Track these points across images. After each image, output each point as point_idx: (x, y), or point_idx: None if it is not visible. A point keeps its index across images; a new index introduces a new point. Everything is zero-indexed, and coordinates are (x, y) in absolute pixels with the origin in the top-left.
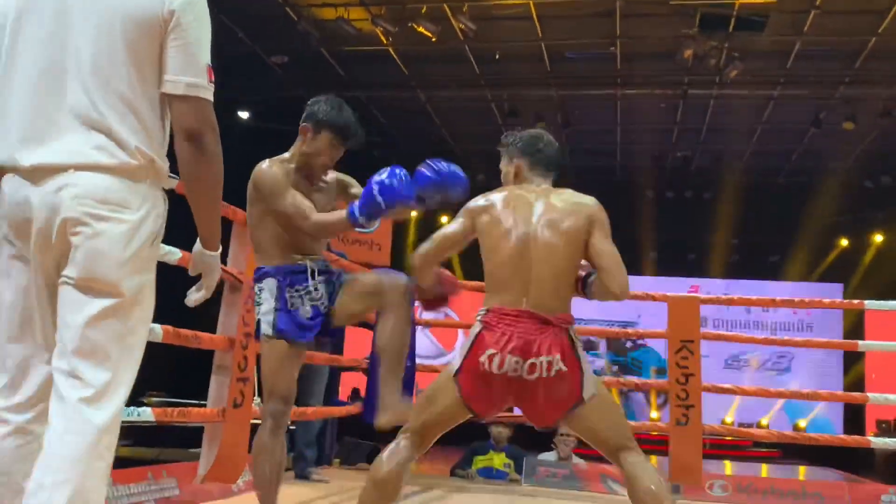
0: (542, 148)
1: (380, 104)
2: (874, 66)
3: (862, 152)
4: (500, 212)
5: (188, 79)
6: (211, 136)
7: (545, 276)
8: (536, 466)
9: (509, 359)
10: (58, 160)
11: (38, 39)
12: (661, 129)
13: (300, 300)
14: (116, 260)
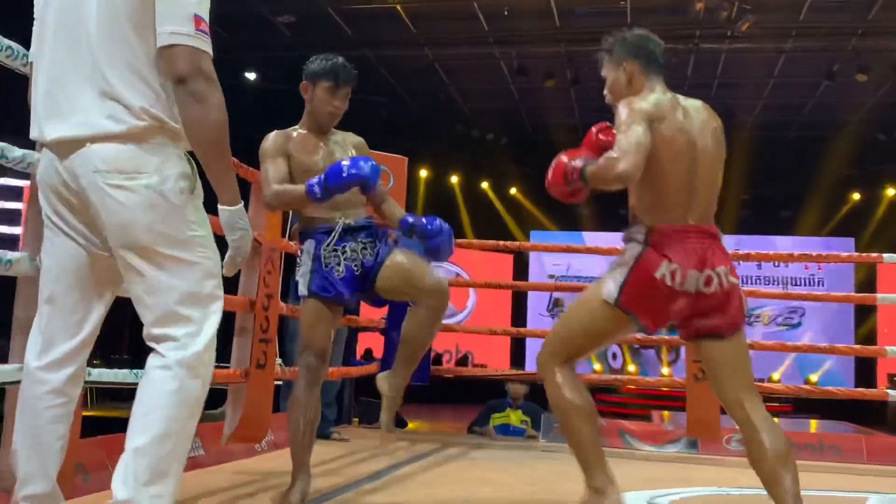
0: (653, 47)
1: (387, 63)
2: (887, 16)
3: (875, 104)
4: (672, 122)
5: (171, 27)
6: (202, 82)
7: (707, 190)
8: (553, 423)
9: (691, 274)
10: (75, 133)
11: (58, 18)
12: (672, 83)
13: (334, 259)
14: (144, 225)
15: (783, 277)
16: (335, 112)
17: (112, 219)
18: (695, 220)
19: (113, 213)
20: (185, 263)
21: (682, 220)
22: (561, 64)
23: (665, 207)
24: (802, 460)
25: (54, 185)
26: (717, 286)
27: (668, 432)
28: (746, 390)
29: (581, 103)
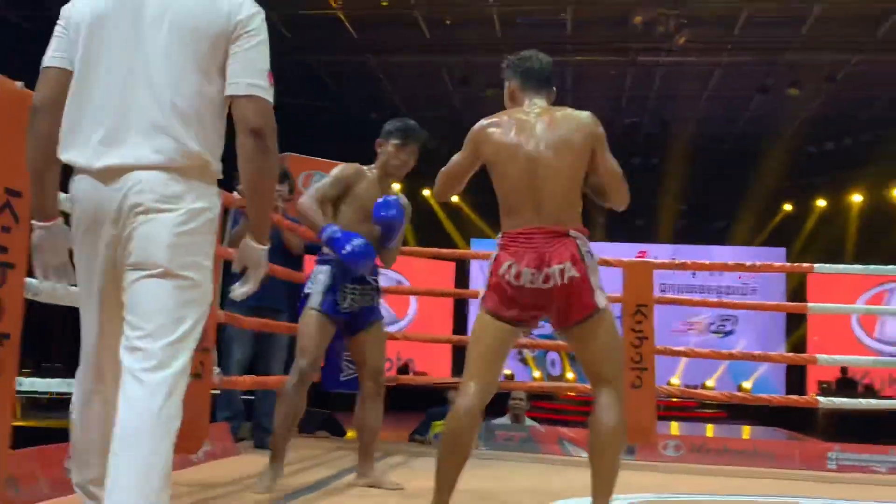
0: (528, 66)
1: (329, 68)
2: (819, 31)
3: (807, 118)
4: (500, 137)
5: (249, 80)
6: (271, 133)
7: (555, 192)
8: (494, 431)
9: (525, 271)
10: (123, 162)
11: (114, 47)
12: (611, 95)
13: (345, 296)
14: (167, 244)
15: (718, 286)
16: (402, 167)
17: (139, 236)
18: (542, 223)
19: (140, 232)
20: (194, 285)
21: (529, 224)
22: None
23: (512, 213)
24: (737, 466)
25: (91, 212)
26: (554, 282)
27: None
28: (599, 378)
29: None
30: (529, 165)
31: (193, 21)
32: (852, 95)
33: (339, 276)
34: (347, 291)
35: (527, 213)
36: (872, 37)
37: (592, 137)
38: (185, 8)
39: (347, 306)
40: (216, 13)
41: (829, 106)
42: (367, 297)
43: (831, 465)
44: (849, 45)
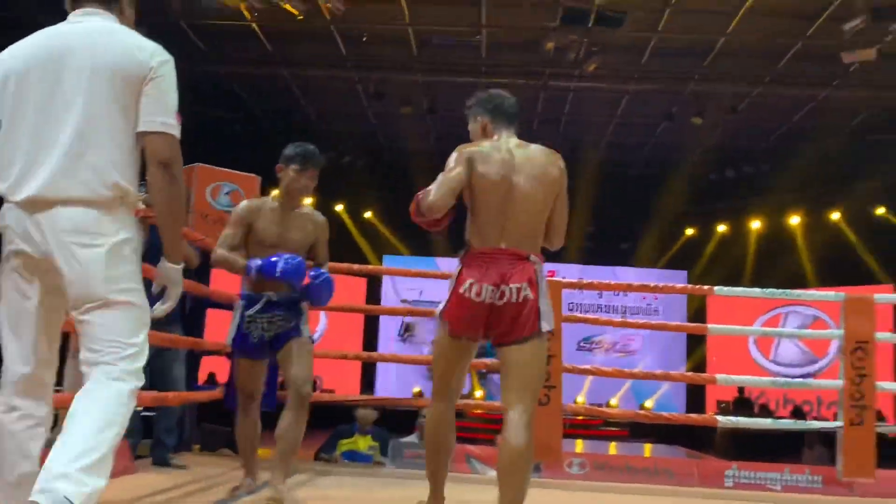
0: (500, 103)
1: (242, 80)
2: (722, 64)
3: (709, 146)
4: (482, 162)
5: (161, 118)
6: (178, 165)
7: (522, 220)
8: (402, 449)
9: (486, 288)
10: (44, 194)
11: (39, 90)
12: (523, 118)
13: (253, 326)
14: (101, 279)
15: (622, 307)
16: (303, 190)
17: (71, 271)
18: (508, 245)
19: (72, 268)
20: (130, 307)
21: (495, 244)
22: (418, 92)
23: (480, 232)
24: (638, 483)
25: (17, 238)
26: (508, 299)
27: None
28: (518, 396)
29: (437, 131)
30: (507, 192)
31: (112, 68)
32: (752, 126)
33: (248, 310)
34: (257, 322)
35: (494, 235)
36: (772, 70)
37: (562, 174)
38: (105, 57)
39: (257, 337)
40: (132, 61)
41: (731, 135)
42: (277, 324)
43: (729, 483)
44: (750, 77)
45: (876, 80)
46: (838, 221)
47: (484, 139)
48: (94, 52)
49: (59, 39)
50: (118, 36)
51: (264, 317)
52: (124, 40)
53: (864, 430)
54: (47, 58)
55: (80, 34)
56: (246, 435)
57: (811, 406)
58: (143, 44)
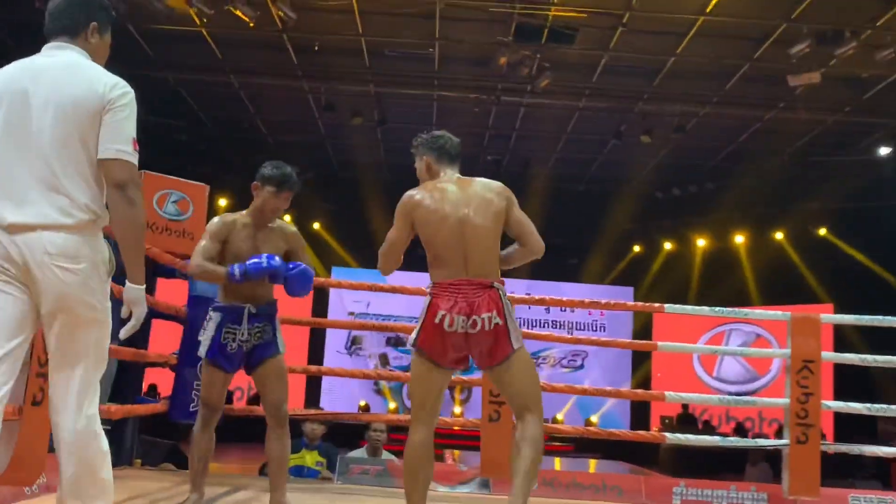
0: (443, 143)
1: (190, 87)
2: (671, 84)
3: (656, 165)
4: (431, 204)
5: (117, 146)
6: (134, 188)
7: (479, 249)
8: (349, 464)
9: (458, 318)
10: (29, 220)
11: (9, 125)
12: (474, 132)
13: (231, 337)
14: (77, 297)
15: (569, 322)
16: (277, 211)
17: (52, 290)
18: (469, 275)
19: (53, 287)
20: (99, 324)
21: (458, 276)
22: (369, 103)
23: (442, 266)
24: (586, 500)
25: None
26: (480, 327)
27: (461, 472)
28: (522, 407)
29: (387, 143)
30: (458, 226)
31: (73, 101)
32: (699, 145)
33: (225, 321)
34: (236, 333)
35: (455, 267)
36: (720, 92)
37: (506, 198)
38: (67, 91)
39: (234, 348)
40: (92, 93)
41: (677, 154)
42: (258, 333)
43: (676, 501)
44: (698, 98)
45: (820, 103)
46: (782, 241)
47: (428, 178)
48: (57, 86)
49: (29, 73)
50: (81, 71)
51: (244, 328)
52: (86, 75)
53: (809, 448)
54: (17, 90)
55: (48, 68)
56: (202, 449)
57: (753, 422)
58: (103, 77)
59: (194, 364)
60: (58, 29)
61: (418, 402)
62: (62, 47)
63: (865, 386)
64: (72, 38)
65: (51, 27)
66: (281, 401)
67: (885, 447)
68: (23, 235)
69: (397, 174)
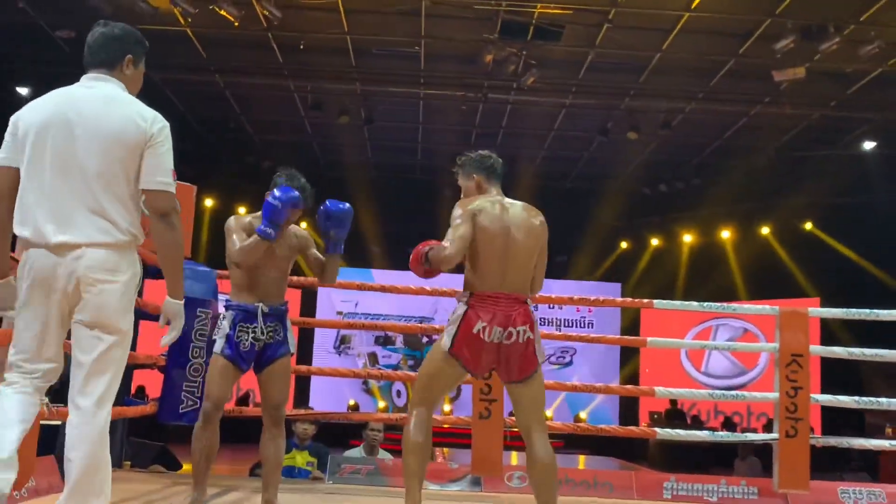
0: (493, 163)
1: (175, 87)
2: (657, 80)
3: (643, 161)
4: (489, 216)
5: (160, 178)
6: (176, 217)
7: (519, 267)
8: (341, 464)
9: (496, 329)
10: (75, 240)
11: (55, 152)
12: (461, 130)
13: (245, 335)
14: (115, 308)
15: (557, 319)
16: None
17: (93, 301)
18: (507, 290)
19: (95, 299)
20: (127, 334)
21: (497, 289)
22: (356, 102)
23: (483, 278)
24: (578, 496)
25: (45, 275)
26: (515, 339)
27: (452, 471)
28: (535, 420)
29: (374, 142)
30: (505, 242)
31: (116, 135)
32: (685, 141)
33: (239, 319)
34: (248, 331)
35: (495, 279)
36: (705, 87)
37: (544, 228)
38: (111, 125)
39: (248, 346)
40: (134, 129)
41: (664, 151)
42: (268, 335)
43: (667, 495)
44: (684, 94)
45: (805, 98)
46: (768, 236)
47: (478, 195)
48: (100, 120)
49: (72, 104)
50: (122, 105)
51: (256, 327)
52: (127, 109)
53: (798, 441)
54: (62, 120)
55: (90, 100)
56: (205, 446)
57: (741, 417)
58: (143, 113)
59: (183, 366)
60: (97, 62)
61: (432, 393)
62: (101, 79)
63: (853, 379)
64: (109, 70)
65: (90, 59)
66: (282, 402)
67: (874, 440)
68: (70, 254)
69: (384, 173)
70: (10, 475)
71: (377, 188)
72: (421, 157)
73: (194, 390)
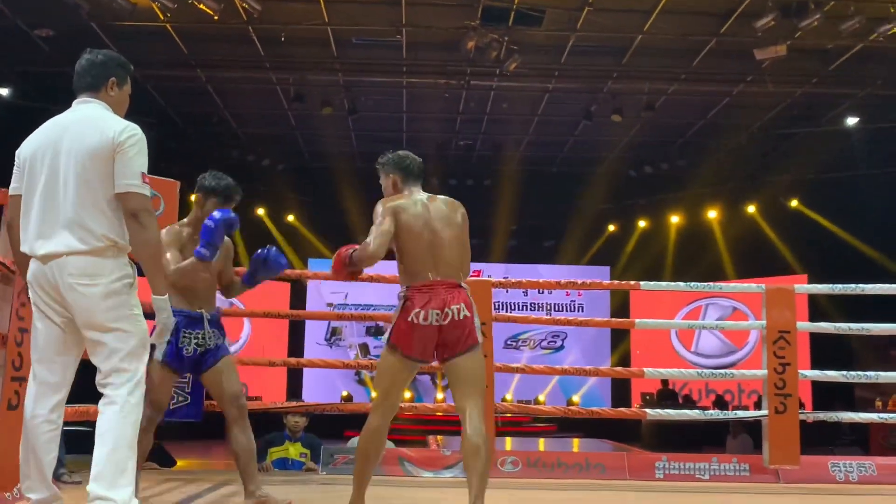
0: (409, 164)
1: (157, 83)
2: (639, 62)
3: (628, 143)
4: (410, 213)
5: (128, 181)
6: (147, 216)
7: (449, 257)
8: (334, 455)
9: (431, 312)
10: (55, 250)
11: (44, 174)
12: (445, 117)
13: (188, 341)
14: (101, 309)
15: (547, 304)
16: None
17: (79, 305)
18: (440, 277)
19: (79, 303)
20: (126, 332)
21: (431, 279)
22: (338, 92)
23: (415, 272)
24: (570, 479)
25: (40, 283)
26: (451, 318)
27: (446, 458)
28: (470, 398)
29: (358, 132)
30: (430, 237)
31: (89, 148)
32: (669, 122)
33: (183, 326)
34: (191, 337)
35: (428, 272)
36: (687, 68)
37: (464, 219)
38: (83, 140)
39: (191, 351)
40: (104, 139)
41: (648, 132)
42: (211, 339)
43: (659, 475)
44: (666, 75)
45: (787, 75)
46: (754, 214)
47: (395, 193)
48: (78, 138)
49: (57, 128)
50: (97, 122)
51: (199, 333)
52: (101, 124)
53: (787, 417)
54: (48, 143)
55: (72, 122)
56: (144, 450)
57: (732, 395)
58: (114, 125)
59: None
60: (83, 86)
61: (384, 392)
62: (86, 101)
63: (842, 354)
64: (94, 94)
65: (77, 84)
66: (240, 391)
67: (863, 413)
68: (53, 262)
69: (369, 162)
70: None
71: (363, 178)
72: (406, 145)
73: (184, 386)
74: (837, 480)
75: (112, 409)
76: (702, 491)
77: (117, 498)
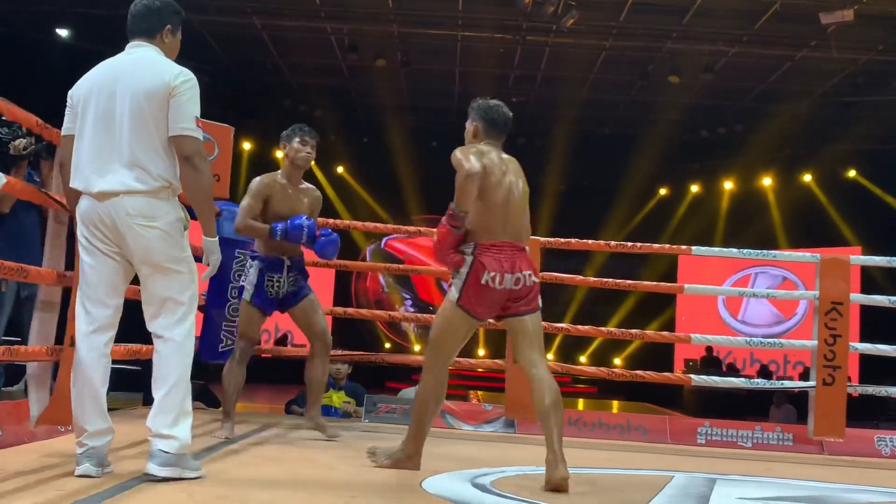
0: (494, 116)
1: (213, 29)
2: (699, 23)
3: (684, 106)
4: (492, 163)
5: (182, 125)
6: (199, 158)
7: (517, 217)
8: (377, 403)
9: (507, 277)
10: (112, 188)
11: (98, 114)
12: (499, 74)
13: (272, 285)
14: (158, 249)
15: None
16: (308, 157)
17: (137, 245)
18: (508, 238)
19: (138, 242)
20: (180, 273)
21: (500, 238)
22: (392, 45)
23: (485, 228)
24: (611, 440)
25: (93, 221)
26: (523, 284)
27: (487, 412)
28: (538, 350)
29: (410, 85)
30: (505, 194)
31: (145, 89)
32: (727, 86)
33: (266, 270)
34: (274, 281)
35: (498, 230)
36: (749, 30)
37: (526, 185)
38: (141, 82)
39: (274, 294)
40: (160, 82)
41: (705, 96)
42: (292, 281)
43: (700, 440)
44: (727, 37)
45: (852, 42)
46: (809, 183)
47: (474, 142)
48: (134, 79)
49: (112, 69)
50: (154, 65)
51: (284, 276)
52: (158, 67)
53: (835, 390)
54: (103, 84)
55: (127, 64)
56: (236, 381)
57: (777, 365)
58: (170, 68)
59: (222, 306)
60: (138, 31)
61: (447, 352)
62: (140, 45)
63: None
64: (149, 39)
65: (132, 28)
66: (326, 328)
67: None
68: (109, 201)
69: (421, 116)
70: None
71: (413, 131)
72: (458, 101)
73: (233, 330)
74: (883, 455)
75: (169, 348)
76: (742, 458)
77: (179, 435)
